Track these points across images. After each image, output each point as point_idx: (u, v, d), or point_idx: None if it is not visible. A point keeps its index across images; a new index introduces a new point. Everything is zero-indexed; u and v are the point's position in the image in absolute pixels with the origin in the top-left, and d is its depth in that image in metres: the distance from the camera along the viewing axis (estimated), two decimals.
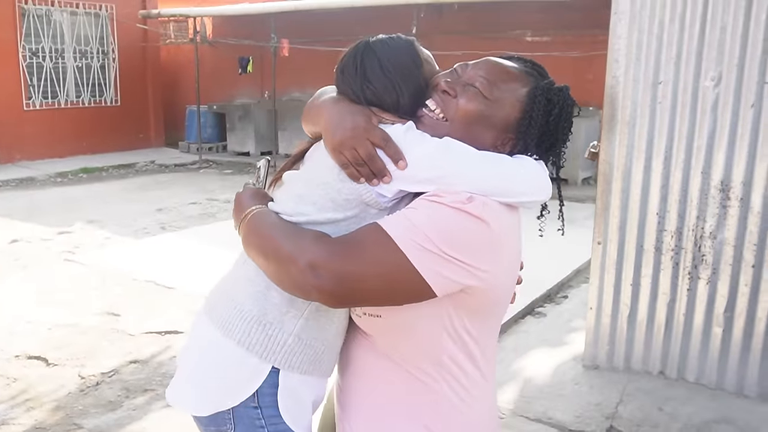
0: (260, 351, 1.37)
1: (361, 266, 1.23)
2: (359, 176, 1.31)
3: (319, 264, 1.22)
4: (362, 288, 1.24)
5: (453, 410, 1.37)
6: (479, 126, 1.35)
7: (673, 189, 3.32)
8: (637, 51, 3.27)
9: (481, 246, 1.25)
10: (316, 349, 1.40)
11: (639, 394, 3.39)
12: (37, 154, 11.04)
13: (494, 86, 1.35)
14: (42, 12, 11.12)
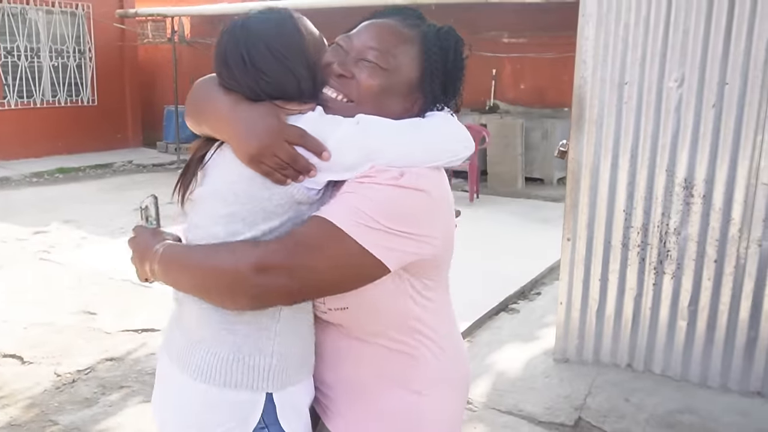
0: (248, 384, 1.31)
1: (311, 259, 1.21)
2: (286, 179, 1.24)
3: (267, 264, 1.20)
4: (317, 279, 1.23)
5: (434, 367, 1.40)
6: (385, 97, 1.31)
7: (639, 186, 3.41)
8: (603, 52, 3.36)
9: (426, 215, 1.27)
10: (299, 355, 1.36)
11: (607, 386, 3.48)
12: (12, 153, 10.94)
13: (388, 54, 1.31)
14: (17, 10, 11.04)
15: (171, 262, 1.30)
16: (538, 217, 7.52)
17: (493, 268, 5.39)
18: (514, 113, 10.17)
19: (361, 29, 1.36)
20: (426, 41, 1.34)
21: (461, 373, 1.50)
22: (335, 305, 1.33)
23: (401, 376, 1.39)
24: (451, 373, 1.46)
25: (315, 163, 1.23)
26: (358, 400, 1.41)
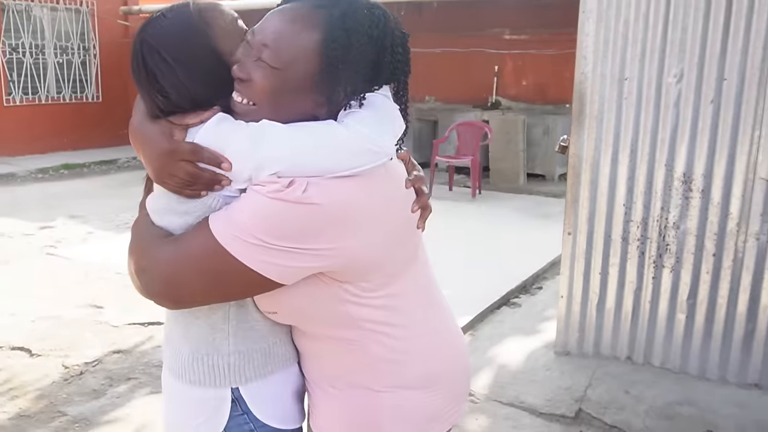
0: (211, 382, 1.34)
1: (184, 267, 1.20)
2: (197, 194, 1.20)
3: (146, 267, 1.23)
4: (190, 288, 1.22)
5: (391, 367, 1.35)
6: (284, 98, 1.20)
7: (638, 181, 3.45)
8: (604, 48, 3.40)
9: (312, 228, 1.16)
10: (262, 351, 1.36)
11: (607, 378, 3.53)
12: (18, 150, 11.01)
13: (280, 51, 1.17)
14: (22, 7, 11.09)
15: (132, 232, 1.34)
16: (540, 213, 7.56)
17: (495, 263, 5.44)
18: (516, 110, 10.21)
19: (263, 21, 1.22)
20: (328, 25, 1.17)
21: (429, 370, 1.40)
22: (265, 308, 1.31)
23: (358, 374, 1.36)
24: (414, 370, 1.38)
25: (224, 173, 1.18)
26: (322, 396, 1.42)
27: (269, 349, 1.37)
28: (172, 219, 1.24)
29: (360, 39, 1.17)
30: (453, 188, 8.83)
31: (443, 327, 1.47)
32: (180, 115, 1.21)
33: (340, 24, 1.17)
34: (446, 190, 8.71)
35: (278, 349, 1.38)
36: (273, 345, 1.37)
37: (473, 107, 10.41)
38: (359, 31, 1.17)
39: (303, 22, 1.18)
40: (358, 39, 1.17)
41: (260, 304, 1.30)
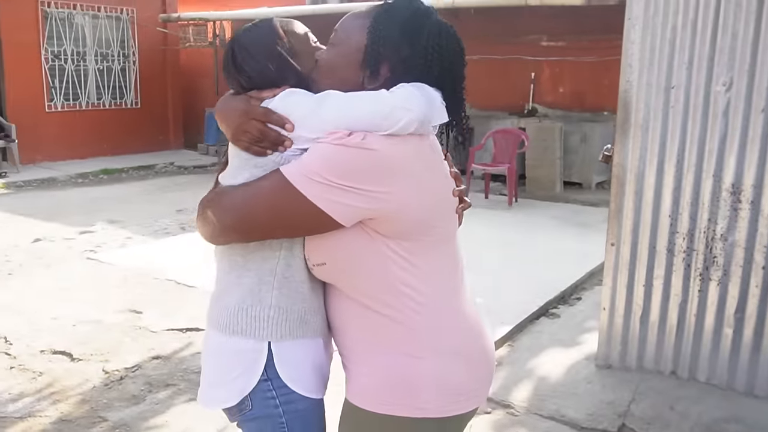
0: (251, 332, 1.50)
1: (256, 201, 1.41)
2: (263, 151, 1.43)
3: (221, 203, 1.45)
4: (260, 221, 1.42)
5: (426, 334, 1.47)
6: (338, 69, 1.48)
7: (685, 192, 3.37)
8: (650, 56, 3.34)
9: (370, 170, 1.35)
10: (299, 312, 1.52)
11: (651, 393, 3.45)
12: (59, 155, 11.22)
13: (340, 31, 1.49)
14: (64, 15, 11.31)
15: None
16: (577, 222, 7.46)
17: (533, 273, 5.37)
18: (553, 117, 10.11)
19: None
20: (377, 12, 1.46)
21: (455, 342, 1.52)
22: (314, 260, 1.48)
23: (393, 340, 1.47)
24: (448, 341, 1.50)
25: (287, 134, 1.41)
26: (359, 361, 1.53)
27: (304, 313, 1.52)
28: (244, 173, 1.45)
29: (397, 22, 1.43)
30: (489, 196, 8.76)
31: (466, 308, 1.57)
32: (257, 91, 1.50)
33: (385, 12, 1.45)
34: (482, 197, 8.64)
35: (311, 317, 1.53)
36: (308, 311, 1.53)
37: (510, 114, 10.33)
38: (399, 14, 1.44)
39: (363, 12, 1.49)
40: (396, 21, 1.43)
41: (312, 253, 1.47)
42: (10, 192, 9.26)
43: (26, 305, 4.79)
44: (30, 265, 5.78)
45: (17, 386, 3.59)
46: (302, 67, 1.53)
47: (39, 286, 5.23)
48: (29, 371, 3.77)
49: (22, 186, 9.60)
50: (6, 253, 6.09)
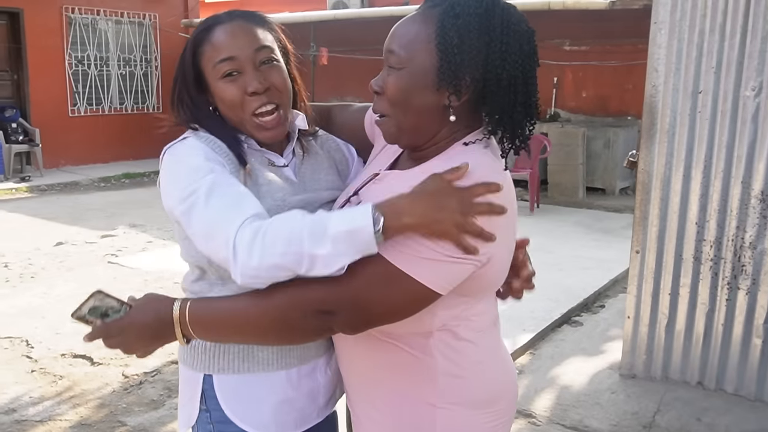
0: (191, 363, 1.43)
1: (374, 297, 1.18)
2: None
3: (331, 307, 1.18)
4: (378, 312, 1.20)
5: (455, 379, 1.29)
6: (414, 98, 1.21)
7: (712, 198, 3.30)
8: (677, 60, 3.27)
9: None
10: (240, 346, 1.38)
11: (677, 403, 3.38)
12: (82, 159, 11.32)
13: (401, 50, 1.21)
14: (88, 21, 11.42)
15: (200, 323, 1.25)
16: (600, 228, 7.38)
17: (555, 280, 5.30)
18: (576, 122, 10.02)
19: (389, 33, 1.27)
20: (440, 16, 1.18)
21: (490, 390, 1.36)
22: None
23: (417, 386, 1.31)
24: (476, 388, 1.33)
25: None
26: (371, 408, 1.37)
27: (248, 347, 1.38)
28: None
29: (471, 23, 1.16)
30: None
31: (501, 346, 1.43)
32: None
33: (451, 12, 1.17)
34: None
35: (260, 353, 1.39)
36: (253, 346, 1.38)
37: None
38: (469, 14, 1.17)
39: (418, 20, 1.21)
40: (469, 23, 1.17)
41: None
42: (33, 196, 9.35)
43: (48, 309, 4.81)
44: (52, 268, 5.82)
45: (38, 389, 3.60)
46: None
47: (60, 289, 5.26)
48: (50, 375, 3.78)
49: (45, 190, 9.70)
50: (29, 256, 6.14)
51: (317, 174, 1.48)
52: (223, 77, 1.35)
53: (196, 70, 1.39)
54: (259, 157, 1.40)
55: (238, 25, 1.38)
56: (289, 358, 1.40)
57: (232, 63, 1.34)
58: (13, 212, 8.12)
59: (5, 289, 5.25)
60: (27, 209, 8.30)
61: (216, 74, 1.36)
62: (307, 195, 1.42)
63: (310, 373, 1.44)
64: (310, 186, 1.44)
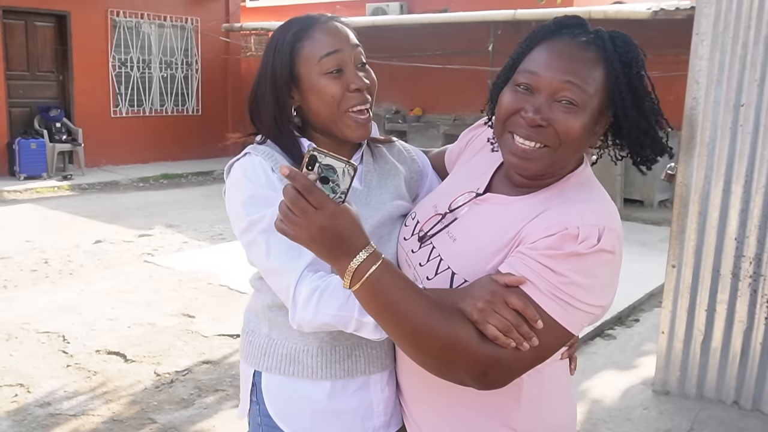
0: (246, 357, 1.50)
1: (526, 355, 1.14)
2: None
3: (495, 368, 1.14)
4: (527, 367, 1.18)
5: (536, 404, 1.28)
6: (586, 136, 1.22)
7: (753, 214, 3.23)
8: (718, 73, 3.22)
9: (613, 279, 1.22)
10: (289, 348, 1.42)
11: (711, 422, 3.30)
12: (122, 159, 11.53)
13: (584, 87, 1.18)
14: (132, 24, 11.64)
15: (379, 294, 1.12)
16: (637, 241, 7.26)
17: None
18: None
19: (540, 60, 1.20)
20: (607, 58, 1.19)
21: (565, 418, 1.38)
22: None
23: (501, 408, 1.29)
24: (552, 414, 1.34)
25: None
26: (446, 425, 1.34)
27: (297, 351, 1.41)
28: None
29: (632, 70, 1.20)
30: None
31: (568, 373, 1.42)
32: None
33: (616, 55, 1.19)
34: None
35: (306, 359, 1.41)
36: (303, 351, 1.41)
37: None
38: (632, 61, 1.20)
39: (588, 56, 1.19)
40: (632, 69, 1.20)
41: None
42: (74, 194, 9.55)
43: (84, 305, 4.90)
44: (90, 265, 5.93)
45: (72, 384, 3.66)
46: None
47: (97, 286, 5.35)
48: (84, 370, 3.85)
49: (86, 188, 9.89)
50: (68, 253, 6.26)
51: (384, 181, 1.48)
52: (327, 73, 1.35)
53: (290, 68, 1.38)
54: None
55: (336, 24, 1.40)
56: (335, 370, 1.41)
57: (337, 58, 1.35)
58: (55, 210, 8.30)
59: (45, 285, 5.36)
60: (68, 207, 8.48)
61: (320, 69, 1.35)
62: (371, 206, 1.41)
63: (360, 388, 1.43)
64: (375, 193, 1.45)
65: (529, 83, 1.20)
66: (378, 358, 1.44)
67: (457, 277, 1.24)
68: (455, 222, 1.31)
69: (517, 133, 1.20)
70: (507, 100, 1.22)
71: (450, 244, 1.29)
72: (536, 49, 1.22)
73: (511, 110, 1.21)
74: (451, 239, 1.30)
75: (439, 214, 1.34)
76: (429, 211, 1.38)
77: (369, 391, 1.44)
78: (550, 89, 1.17)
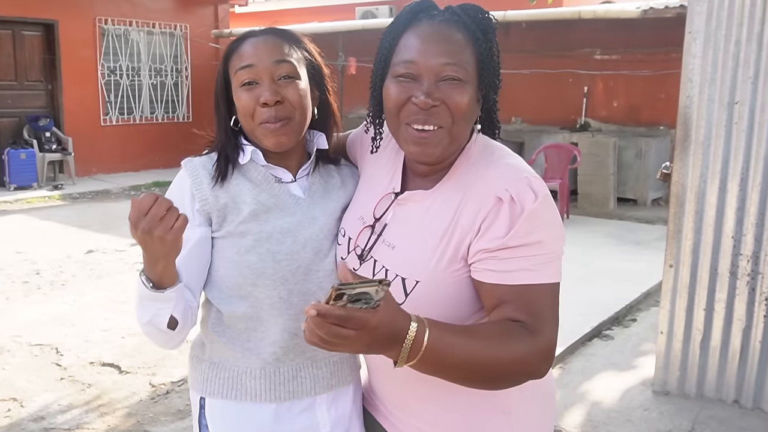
0: (191, 383, 1.49)
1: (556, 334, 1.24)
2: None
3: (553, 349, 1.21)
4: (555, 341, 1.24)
5: (528, 388, 1.25)
6: (473, 107, 1.26)
7: (749, 212, 3.22)
8: (712, 71, 3.21)
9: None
10: (231, 372, 1.41)
11: (712, 422, 3.29)
12: (113, 167, 11.45)
13: (463, 63, 1.23)
14: (120, 32, 11.57)
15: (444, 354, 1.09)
16: (632, 240, 7.26)
17: (585, 292, 5.21)
18: (606, 132, 9.90)
19: (412, 48, 1.24)
20: (469, 30, 1.24)
21: (550, 387, 1.43)
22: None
23: (492, 394, 1.28)
24: (543, 390, 1.38)
25: None
26: (442, 423, 1.34)
27: (239, 374, 1.41)
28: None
29: (492, 39, 1.25)
30: None
31: None
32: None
33: (477, 26, 1.24)
34: None
35: (249, 382, 1.40)
36: (246, 375, 1.40)
37: (561, 129, 10.16)
38: (491, 28, 1.26)
39: (454, 31, 1.23)
40: (492, 35, 1.26)
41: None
42: (65, 204, 9.48)
43: (77, 316, 4.85)
44: (82, 276, 5.87)
45: (67, 397, 3.62)
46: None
47: (90, 297, 5.30)
48: (78, 383, 3.80)
49: (77, 198, 9.83)
50: (60, 264, 6.21)
51: (329, 194, 1.47)
52: (242, 85, 1.38)
53: (225, 79, 1.43)
54: (263, 173, 1.42)
55: (266, 38, 1.41)
56: (279, 392, 1.41)
57: (250, 71, 1.37)
58: (46, 220, 8.24)
59: (37, 296, 5.31)
60: (59, 217, 8.41)
61: (236, 82, 1.39)
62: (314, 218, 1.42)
63: (305, 410, 1.44)
64: (319, 204, 1.45)
65: (410, 72, 1.23)
66: (323, 379, 1.45)
67: (408, 281, 1.26)
68: (386, 229, 1.33)
69: (412, 121, 1.23)
70: (394, 92, 1.25)
71: (390, 253, 1.31)
72: (402, 38, 1.26)
73: (401, 100, 1.24)
74: (390, 247, 1.31)
75: (369, 225, 1.35)
76: (357, 225, 1.38)
77: (315, 412, 1.44)
78: (433, 73, 1.22)
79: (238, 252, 1.37)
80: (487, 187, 1.23)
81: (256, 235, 1.37)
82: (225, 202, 1.38)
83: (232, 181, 1.40)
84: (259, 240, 1.36)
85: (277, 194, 1.41)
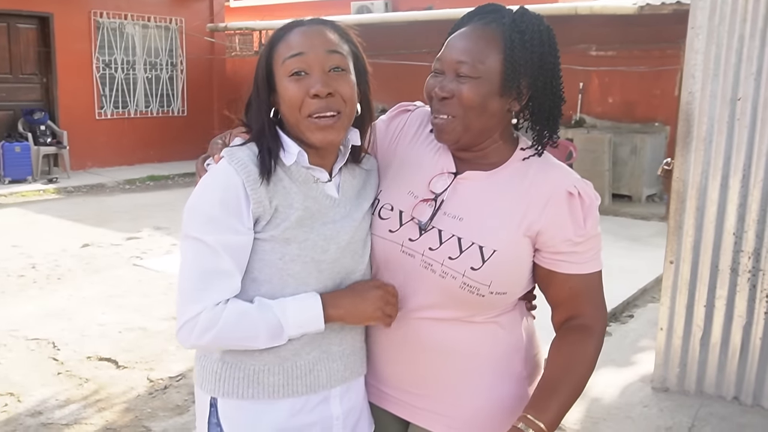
0: (200, 383, 1.42)
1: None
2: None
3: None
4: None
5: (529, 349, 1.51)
6: (488, 103, 1.37)
7: (751, 208, 3.22)
8: (714, 66, 3.20)
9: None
10: (246, 371, 1.37)
11: (712, 419, 3.29)
12: (108, 161, 11.40)
13: (476, 62, 1.35)
14: (115, 25, 11.51)
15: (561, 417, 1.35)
16: (627, 236, 7.27)
17: None
18: (601, 128, 9.90)
19: (447, 47, 1.41)
20: (504, 31, 1.36)
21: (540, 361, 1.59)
22: (499, 289, 1.39)
23: (511, 358, 1.47)
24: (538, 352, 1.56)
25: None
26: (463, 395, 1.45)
27: (256, 371, 1.37)
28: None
29: (534, 40, 1.36)
30: None
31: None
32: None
33: (516, 28, 1.35)
34: None
35: (266, 379, 1.37)
36: (263, 371, 1.37)
37: None
38: (533, 31, 1.36)
39: (486, 34, 1.37)
40: (533, 39, 1.36)
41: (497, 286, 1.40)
42: (60, 197, 9.43)
43: (74, 311, 4.82)
44: (78, 270, 5.84)
45: (64, 392, 3.59)
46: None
47: (87, 291, 5.27)
48: (76, 377, 3.78)
49: (72, 192, 9.77)
50: (55, 258, 6.17)
51: (360, 192, 1.46)
52: (290, 75, 1.31)
53: (268, 69, 1.35)
54: (304, 173, 1.36)
55: (317, 27, 1.35)
56: (296, 386, 1.39)
57: (300, 60, 1.30)
58: (41, 213, 8.19)
59: (33, 290, 5.28)
60: (54, 211, 8.36)
61: (284, 71, 1.31)
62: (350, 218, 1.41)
63: (320, 403, 1.42)
64: (351, 204, 1.43)
65: (438, 67, 1.41)
66: (338, 371, 1.43)
67: (485, 249, 1.36)
68: (445, 203, 1.41)
69: (433, 110, 1.41)
70: (426, 84, 1.43)
71: (459, 224, 1.39)
72: (449, 38, 1.43)
73: (428, 91, 1.42)
74: (456, 219, 1.40)
75: (428, 199, 1.42)
76: (408, 199, 1.44)
77: (329, 405, 1.43)
78: (451, 69, 1.37)
79: (282, 259, 1.32)
80: (553, 181, 1.40)
81: (301, 243, 1.32)
82: (276, 205, 1.32)
83: (278, 182, 1.33)
84: (305, 248, 1.32)
85: (317, 197, 1.35)
